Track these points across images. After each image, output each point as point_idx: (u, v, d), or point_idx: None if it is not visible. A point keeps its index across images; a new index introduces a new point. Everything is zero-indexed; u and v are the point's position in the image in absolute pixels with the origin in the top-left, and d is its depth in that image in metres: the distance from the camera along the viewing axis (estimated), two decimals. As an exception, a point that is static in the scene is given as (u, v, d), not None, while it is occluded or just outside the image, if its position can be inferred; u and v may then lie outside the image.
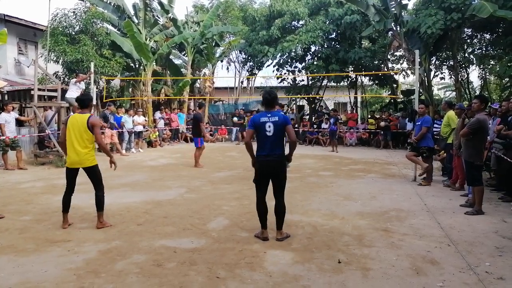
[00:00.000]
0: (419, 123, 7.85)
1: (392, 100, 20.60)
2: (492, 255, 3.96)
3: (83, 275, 3.42)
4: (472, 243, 4.29)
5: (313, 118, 19.09)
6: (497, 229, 4.83)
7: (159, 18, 19.34)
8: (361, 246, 4.19)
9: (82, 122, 4.62)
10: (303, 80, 20.49)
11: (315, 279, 3.38)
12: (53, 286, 3.21)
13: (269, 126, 4.26)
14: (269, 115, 4.32)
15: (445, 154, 8.34)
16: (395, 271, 3.55)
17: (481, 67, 19.08)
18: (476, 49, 18.39)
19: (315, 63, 17.96)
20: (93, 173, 4.79)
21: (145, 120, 14.91)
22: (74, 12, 14.21)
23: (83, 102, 4.85)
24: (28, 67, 16.01)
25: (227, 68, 24.74)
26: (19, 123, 11.05)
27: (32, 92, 11.57)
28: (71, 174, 4.82)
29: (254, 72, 21.52)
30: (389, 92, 21.30)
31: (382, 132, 16.08)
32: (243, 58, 22.37)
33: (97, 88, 13.63)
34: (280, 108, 9.67)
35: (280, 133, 4.29)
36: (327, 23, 17.51)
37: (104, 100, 13.64)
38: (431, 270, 3.58)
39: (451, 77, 19.59)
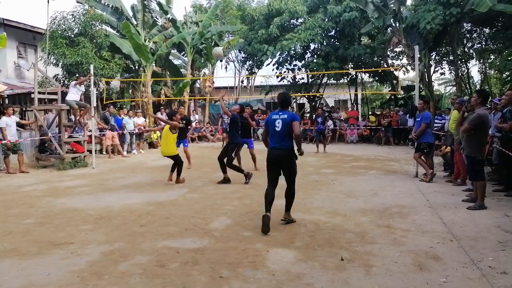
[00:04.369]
0: (419, 119, 7.84)
1: (392, 97, 20.59)
2: (495, 249, 3.95)
3: (87, 277, 3.42)
4: (475, 238, 4.28)
5: (314, 116, 19.08)
6: (500, 223, 4.82)
7: (158, 19, 19.34)
8: (364, 243, 4.18)
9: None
10: (303, 78, 20.49)
11: (318, 276, 3.38)
12: (56, 289, 3.22)
13: (278, 122, 4.79)
14: (281, 113, 4.86)
15: (448, 149, 8.32)
16: (398, 267, 3.55)
17: (481, 61, 19.05)
18: (475, 44, 18.37)
19: (314, 61, 17.97)
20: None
21: (145, 121, 14.92)
22: (72, 14, 14.24)
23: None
24: (28, 70, 16.03)
25: (226, 68, 24.75)
26: (20, 126, 11.07)
27: (32, 96, 11.59)
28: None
29: (253, 71, 21.53)
30: (390, 89, 21.27)
31: (383, 129, 16.06)
32: (242, 57, 22.37)
33: (97, 90, 13.64)
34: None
35: (287, 128, 4.75)
36: (326, 20, 17.50)
37: (104, 102, 13.66)
38: (434, 265, 3.57)
39: (451, 72, 19.58)
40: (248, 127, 9.33)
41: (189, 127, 10.22)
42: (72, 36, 14.27)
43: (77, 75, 13.42)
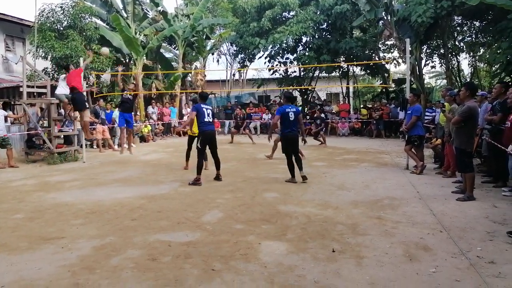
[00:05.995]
0: (410, 112, 7.90)
1: (384, 90, 20.68)
2: (483, 240, 4.02)
3: (78, 271, 3.40)
4: (464, 229, 4.35)
5: (306, 109, 19.10)
6: (488, 214, 4.89)
7: (148, 11, 19.10)
8: (355, 235, 4.22)
9: None
10: (295, 71, 20.45)
11: (309, 268, 3.41)
12: (47, 284, 3.19)
13: (291, 114, 6.87)
14: (290, 107, 6.97)
15: (438, 141, 8.40)
16: (389, 258, 3.59)
17: (471, 54, 19.20)
18: (466, 37, 18.50)
19: (306, 54, 17.93)
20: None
21: (137, 115, 14.81)
22: (61, 7, 13.99)
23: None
24: (16, 63, 15.79)
25: (217, 61, 24.61)
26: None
27: (21, 89, 11.41)
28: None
29: (245, 64, 21.43)
30: (381, 82, 21.35)
31: (374, 122, 16.14)
32: (234, 50, 22.24)
33: (87, 84, 13.49)
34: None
35: (296, 118, 6.93)
36: (318, 13, 17.45)
37: (94, 96, 13.51)
38: (424, 256, 3.62)
39: (442, 65, 19.72)
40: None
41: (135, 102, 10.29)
42: (61, 29, 14.04)
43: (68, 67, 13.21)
